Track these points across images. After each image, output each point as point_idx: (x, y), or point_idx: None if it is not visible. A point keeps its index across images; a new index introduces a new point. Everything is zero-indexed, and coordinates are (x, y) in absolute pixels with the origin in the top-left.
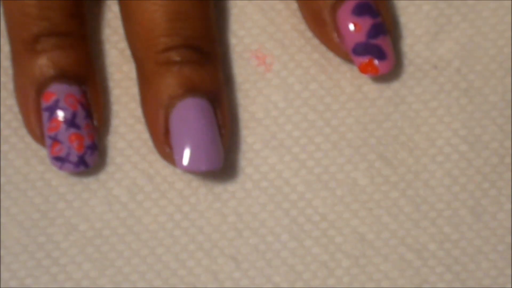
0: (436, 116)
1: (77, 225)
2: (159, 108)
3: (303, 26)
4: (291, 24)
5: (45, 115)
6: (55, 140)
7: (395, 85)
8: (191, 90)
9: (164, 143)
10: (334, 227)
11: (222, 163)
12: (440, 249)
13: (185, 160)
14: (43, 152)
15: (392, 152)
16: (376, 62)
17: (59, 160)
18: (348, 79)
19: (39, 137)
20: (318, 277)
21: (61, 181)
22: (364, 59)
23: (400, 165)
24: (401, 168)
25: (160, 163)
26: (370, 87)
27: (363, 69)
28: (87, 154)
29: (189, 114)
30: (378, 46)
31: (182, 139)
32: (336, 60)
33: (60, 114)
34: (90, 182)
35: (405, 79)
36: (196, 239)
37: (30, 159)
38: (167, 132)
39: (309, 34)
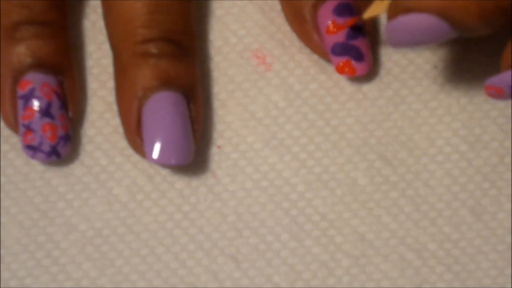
0: (436, 116)
1: (77, 224)
2: (133, 99)
3: None
4: None
5: (20, 103)
6: (29, 128)
7: (395, 85)
8: (166, 83)
9: (136, 135)
10: (334, 226)
11: (192, 158)
12: (440, 249)
13: (155, 153)
14: None
15: (392, 152)
16: (353, 63)
17: (31, 148)
18: (348, 79)
19: (13, 125)
20: (318, 277)
21: (61, 180)
22: (342, 59)
23: (400, 165)
24: (401, 168)
25: None
26: (370, 87)
27: (340, 70)
28: (60, 144)
29: (162, 107)
30: (357, 47)
31: (153, 132)
32: None
33: (35, 103)
34: (90, 182)
35: (405, 79)
36: (196, 239)
37: (30, 159)
38: (139, 123)
39: None
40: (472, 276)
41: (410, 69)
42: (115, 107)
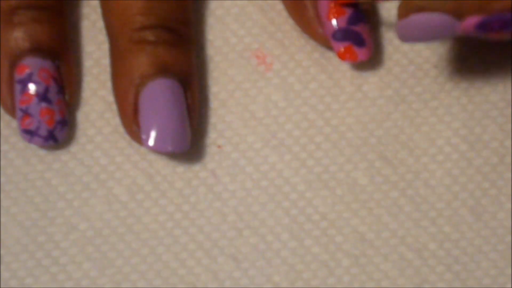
0: (436, 115)
1: (77, 224)
2: (129, 86)
3: None
4: (291, 24)
5: (18, 87)
6: (26, 113)
7: (395, 84)
8: (163, 70)
9: (132, 122)
10: (334, 226)
11: (189, 145)
12: (440, 249)
13: (152, 140)
14: (43, 152)
15: (392, 152)
16: (355, 48)
17: (29, 133)
18: (348, 79)
19: (10, 109)
20: (318, 277)
21: (61, 180)
22: (344, 44)
23: (400, 164)
24: (401, 168)
25: (160, 163)
26: (370, 87)
27: (341, 55)
28: (57, 129)
29: (159, 95)
30: (358, 33)
31: (150, 119)
32: (336, 59)
33: (33, 88)
34: (90, 181)
35: (405, 78)
36: (196, 239)
37: (30, 159)
38: (136, 110)
39: None
40: (472, 276)
41: (410, 69)
42: (115, 107)
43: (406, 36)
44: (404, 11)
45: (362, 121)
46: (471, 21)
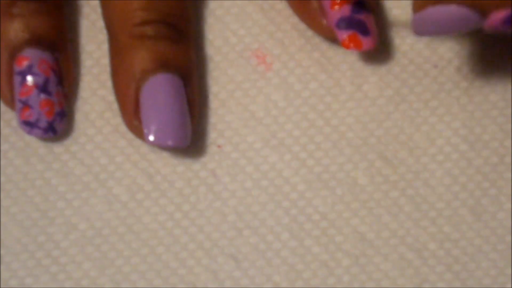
0: (436, 115)
1: (77, 224)
2: (130, 81)
3: (303, 26)
4: (291, 23)
5: (17, 79)
6: (26, 104)
7: (396, 84)
8: (163, 65)
9: (133, 117)
10: (334, 226)
11: (189, 140)
12: (440, 249)
13: (152, 135)
14: (43, 151)
15: (392, 152)
16: (359, 36)
17: (28, 124)
18: (348, 78)
19: (9, 101)
20: (318, 276)
21: (61, 180)
22: (348, 33)
23: (400, 164)
24: (401, 168)
25: (160, 162)
26: (370, 86)
27: (346, 44)
28: (57, 121)
29: (160, 89)
30: (362, 22)
31: (151, 114)
32: (336, 59)
33: (33, 79)
34: (90, 181)
35: (405, 78)
36: (196, 238)
37: (30, 159)
38: (137, 105)
39: (309, 33)
40: (472, 276)
41: (410, 69)
42: (115, 107)
43: (422, 30)
44: (420, 4)
45: (362, 121)
46: (496, 16)
